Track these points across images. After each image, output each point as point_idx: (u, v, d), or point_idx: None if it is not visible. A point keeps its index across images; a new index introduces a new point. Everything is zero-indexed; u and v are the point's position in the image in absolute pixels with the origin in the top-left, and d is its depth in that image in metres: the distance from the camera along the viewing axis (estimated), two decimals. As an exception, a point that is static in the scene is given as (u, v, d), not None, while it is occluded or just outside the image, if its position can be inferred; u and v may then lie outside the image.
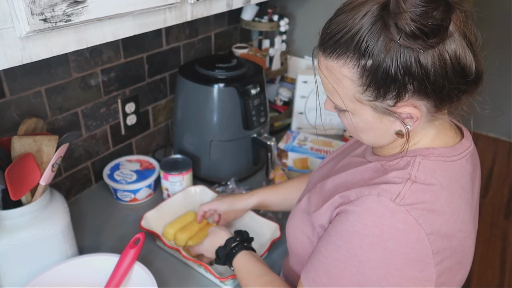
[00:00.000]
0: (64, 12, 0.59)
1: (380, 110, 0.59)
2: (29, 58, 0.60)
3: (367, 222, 0.57)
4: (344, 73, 0.57)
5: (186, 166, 1.14)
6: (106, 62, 1.11)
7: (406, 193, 0.57)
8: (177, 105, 1.22)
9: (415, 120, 0.58)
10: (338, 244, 0.60)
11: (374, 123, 0.61)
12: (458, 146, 0.64)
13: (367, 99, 0.58)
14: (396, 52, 0.53)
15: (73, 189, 1.15)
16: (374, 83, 0.56)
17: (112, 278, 0.81)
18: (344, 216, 0.61)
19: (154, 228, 1.01)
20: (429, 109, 0.59)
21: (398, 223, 0.56)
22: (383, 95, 0.56)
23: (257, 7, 1.43)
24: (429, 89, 0.55)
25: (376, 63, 0.54)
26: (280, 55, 1.46)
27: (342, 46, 0.56)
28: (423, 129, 0.63)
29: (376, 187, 0.59)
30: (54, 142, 0.80)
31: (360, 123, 0.62)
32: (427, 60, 0.53)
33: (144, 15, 0.75)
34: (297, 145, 1.38)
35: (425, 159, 0.61)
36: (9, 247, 0.78)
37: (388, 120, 0.60)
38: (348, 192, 0.62)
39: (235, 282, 0.90)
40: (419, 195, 0.57)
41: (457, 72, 0.55)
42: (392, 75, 0.54)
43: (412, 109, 0.57)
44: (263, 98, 1.20)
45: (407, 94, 0.56)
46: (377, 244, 0.56)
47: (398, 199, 0.57)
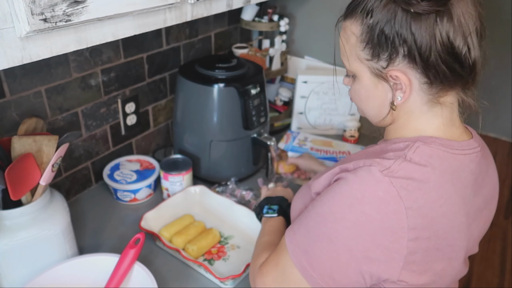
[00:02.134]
0: (64, 12, 0.59)
1: (375, 72, 0.63)
2: (29, 58, 0.60)
3: (353, 185, 0.60)
4: (352, 29, 0.63)
5: (186, 166, 1.14)
6: (106, 62, 1.11)
7: (396, 167, 0.59)
8: (177, 105, 1.22)
9: (404, 90, 0.61)
10: (322, 201, 0.64)
11: (371, 89, 0.65)
12: (464, 143, 0.65)
13: (365, 58, 0.63)
14: (393, 13, 0.57)
15: (73, 189, 1.15)
16: (371, 41, 0.61)
17: (112, 278, 0.81)
18: (337, 182, 0.64)
19: (154, 228, 1.01)
20: (422, 86, 0.61)
21: (380, 191, 0.58)
22: (377, 55, 0.61)
23: (257, 7, 1.43)
24: (416, 57, 0.58)
25: (375, 21, 0.59)
26: (280, 55, 1.46)
27: (356, 7, 0.63)
28: (423, 113, 0.64)
29: (371, 160, 0.62)
30: (54, 142, 0.80)
31: (361, 90, 0.67)
32: (417, 26, 0.57)
33: (144, 15, 0.75)
34: (297, 145, 1.38)
35: (424, 145, 0.62)
36: (9, 247, 0.78)
37: (382, 87, 0.64)
38: (348, 164, 0.65)
39: (235, 282, 0.90)
40: (408, 172, 0.59)
41: (446, 49, 0.57)
42: (385, 34, 0.59)
43: (400, 74, 0.60)
44: (263, 98, 1.20)
45: (397, 57, 0.60)
46: (355, 206, 0.59)
47: (386, 171, 0.59)
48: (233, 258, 0.97)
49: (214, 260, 0.96)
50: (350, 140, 1.45)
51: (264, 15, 1.46)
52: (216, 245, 1.01)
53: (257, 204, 0.98)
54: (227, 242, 1.02)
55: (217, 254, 0.98)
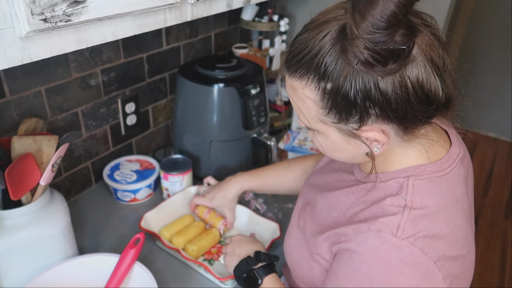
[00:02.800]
0: (64, 12, 0.59)
1: (346, 132, 0.57)
2: (29, 58, 0.60)
3: (374, 262, 0.57)
4: (306, 94, 0.56)
5: (186, 166, 1.14)
6: (106, 62, 1.11)
7: (406, 223, 0.56)
8: (177, 105, 1.22)
9: (382, 144, 0.57)
10: (347, 285, 0.60)
11: (342, 145, 0.60)
12: (447, 157, 0.62)
13: (331, 121, 0.57)
14: (355, 77, 0.51)
15: (73, 189, 1.15)
16: (336, 107, 0.54)
17: (112, 278, 0.81)
18: (347, 256, 0.60)
19: (154, 228, 1.01)
20: (398, 133, 0.57)
21: (405, 257, 0.55)
22: (345, 119, 0.55)
23: (257, 7, 1.43)
24: (391, 115, 0.53)
25: (335, 87, 0.52)
26: (280, 55, 1.46)
27: (304, 66, 0.55)
28: (401, 148, 0.61)
29: (374, 222, 0.58)
30: (54, 142, 0.80)
31: (329, 143, 0.61)
32: (386, 86, 0.51)
33: (144, 15, 0.75)
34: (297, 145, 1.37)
35: (417, 179, 0.59)
36: (9, 247, 0.78)
37: (355, 143, 0.58)
38: (344, 229, 0.61)
39: (235, 282, 0.90)
40: (418, 223, 0.56)
41: (420, 99, 0.53)
42: (351, 100, 0.52)
43: (377, 134, 0.55)
44: (263, 98, 1.20)
45: (370, 118, 0.54)
46: (388, 283, 0.56)
47: (399, 233, 0.56)
48: (233, 258, 0.97)
49: (214, 260, 0.96)
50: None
51: (264, 15, 1.46)
52: (216, 245, 1.01)
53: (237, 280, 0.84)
54: (227, 242, 1.02)
55: (217, 254, 0.98)
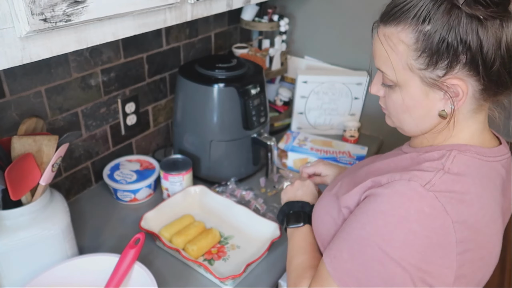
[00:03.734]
0: (64, 12, 0.59)
1: (428, 81, 0.60)
2: (29, 58, 0.60)
3: (395, 203, 0.58)
4: (401, 37, 0.60)
5: (186, 166, 1.14)
6: (106, 62, 1.11)
7: (437, 181, 0.58)
8: (177, 105, 1.22)
9: (460, 97, 0.59)
10: (363, 222, 0.61)
11: (419, 98, 0.62)
12: (495, 150, 0.65)
13: (418, 67, 0.59)
14: (457, 18, 0.55)
15: (73, 189, 1.15)
16: (429, 49, 0.57)
17: (112, 278, 0.81)
18: (372, 198, 0.62)
19: (154, 228, 1.01)
20: (475, 93, 0.59)
21: (425, 207, 0.57)
22: (434, 63, 0.58)
23: (257, 7, 1.43)
24: (480, 62, 0.56)
25: (434, 28, 0.56)
26: (280, 55, 1.46)
27: (404, 12, 0.59)
28: (465, 120, 0.63)
29: (408, 173, 0.60)
30: (54, 142, 0.80)
31: (406, 98, 0.63)
32: (485, 32, 0.54)
33: (144, 15, 0.75)
34: (297, 145, 1.38)
35: (460, 153, 0.62)
36: (9, 247, 0.78)
37: (433, 96, 0.61)
38: (380, 177, 0.63)
39: (235, 282, 0.90)
40: (450, 185, 0.58)
41: (510, 51, 0.56)
42: (448, 42, 0.56)
43: (460, 82, 0.58)
44: (263, 98, 1.20)
45: (458, 65, 0.57)
46: (402, 225, 0.57)
47: (428, 185, 0.58)
48: (233, 258, 0.97)
49: (214, 260, 0.96)
50: (350, 140, 1.45)
51: (264, 15, 1.46)
52: (216, 245, 1.01)
53: (280, 211, 0.90)
54: (227, 242, 1.02)
55: (217, 254, 0.98)
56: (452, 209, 0.57)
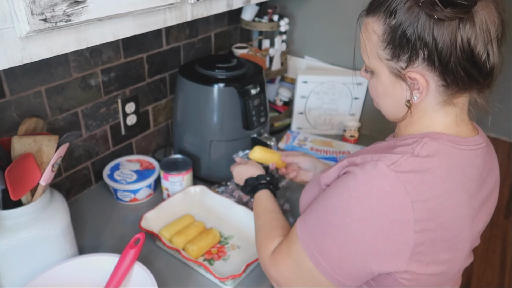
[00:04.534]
0: (64, 12, 0.59)
1: (394, 71, 0.64)
2: (29, 58, 0.60)
3: (360, 180, 0.62)
4: (374, 28, 0.64)
5: (186, 166, 1.14)
6: (106, 62, 1.11)
7: (403, 162, 0.61)
8: (177, 105, 1.22)
9: (421, 90, 0.62)
10: (331, 194, 0.66)
11: (389, 87, 0.67)
12: (470, 139, 0.67)
13: (385, 57, 0.64)
14: (417, 16, 0.58)
15: (73, 189, 1.15)
16: (393, 42, 0.61)
17: (112, 278, 0.81)
18: (345, 175, 0.66)
19: (154, 228, 1.01)
20: (438, 88, 0.62)
21: (386, 185, 0.60)
22: (397, 55, 0.62)
23: (257, 7, 1.43)
24: (436, 59, 0.59)
25: (398, 23, 0.60)
26: (280, 55, 1.46)
27: (380, 5, 0.63)
28: (435, 111, 0.66)
29: (378, 155, 0.64)
30: (54, 142, 0.80)
31: (379, 86, 0.68)
32: (439, 31, 0.57)
33: (144, 15, 0.75)
34: (297, 145, 1.38)
35: (432, 140, 0.64)
36: (9, 247, 0.78)
37: (400, 86, 0.65)
38: (355, 157, 0.68)
39: (235, 282, 0.90)
40: (414, 166, 0.61)
41: (465, 55, 0.58)
42: (407, 37, 0.59)
43: (419, 77, 0.61)
44: (263, 98, 1.20)
45: (417, 60, 0.60)
46: (363, 200, 0.61)
47: (393, 166, 0.61)
48: (233, 258, 0.97)
49: (214, 260, 0.96)
50: (350, 140, 1.45)
51: (264, 15, 1.46)
52: (216, 245, 1.01)
53: (246, 185, 1.00)
54: (227, 242, 1.02)
55: (217, 254, 0.98)
56: (412, 189, 0.59)
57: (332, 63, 1.51)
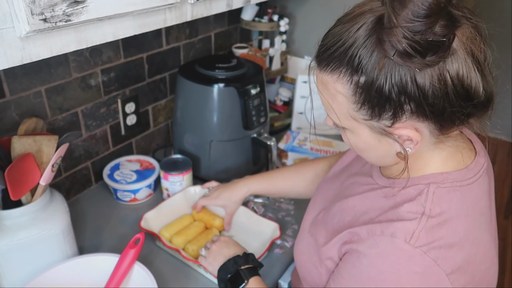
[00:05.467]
0: (64, 12, 0.59)
1: (377, 130, 0.55)
2: (29, 58, 0.60)
3: (382, 267, 0.54)
4: (338, 88, 0.54)
5: (186, 166, 1.14)
6: (106, 62, 1.11)
7: (421, 231, 0.53)
8: (177, 105, 1.22)
9: (415, 143, 0.54)
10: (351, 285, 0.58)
11: (372, 144, 0.57)
12: (472, 166, 0.60)
13: (362, 118, 0.54)
14: (390, 70, 0.48)
15: (73, 189, 1.15)
16: (368, 102, 0.52)
17: (112, 278, 0.81)
18: (356, 258, 0.58)
19: (154, 228, 1.01)
20: (432, 132, 0.54)
21: (416, 266, 0.53)
22: (378, 115, 0.53)
23: (257, 7, 1.43)
24: (427, 111, 0.50)
25: (369, 80, 0.50)
26: (280, 55, 1.46)
27: (336, 59, 0.52)
28: (430, 151, 0.59)
29: (388, 226, 0.55)
30: (54, 142, 0.80)
31: (359, 142, 0.59)
32: (424, 79, 0.48)
33: (144, 15, 0.75)
34: (297, 145, 1.38)
35: (439, 187, 0.57)
36: (9, 247, 0.78)
37: (387, 142, 0.56)
38: (358, 228, 0.59)
39: (235, 282, 0.90)
40: (435, 232, 0.54)
41: (459, 95, 0.50)
42: (386, 94, 0.50)
43: (411, 132, 0.53)
44: (263, 98, 1.20)
45: (404, 115, 0.51)
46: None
47: (413, 240, 0.53)
48: (233, 258, 0.97)
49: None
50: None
51: (264, 15, 1.46)
52: (216, 245, 1.00)
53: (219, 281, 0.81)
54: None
55: (217, 254, 0.98)
56: (443, 260, 0.53)
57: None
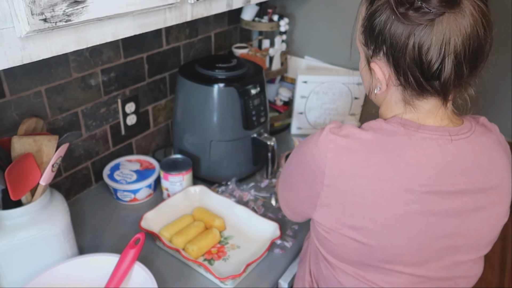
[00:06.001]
0: (64, 12, 0.59)
1: (365, 57, 0.68)
2: (29, 58, 0.60)
3: (309, 138, 0.71)
4: (361, 10, 0.68)
5: (186, 166, 1.14)
6: (106, 62, 1.11)
7: (345, 128, 0.66)
8: (177, 105, 1.22)
9: (380, 84, 0.66)
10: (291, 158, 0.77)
11: (364, 71, 0.71)
12: (437, 128, 0.63)
13: (362, 42, 0.68)
14: (385, 8, 0.60)
15: (73, 189, 1.15)
16: (365, 29, 0.65)
17: (112, 278, 0.81)
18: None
19: (154, 228, 1.01)
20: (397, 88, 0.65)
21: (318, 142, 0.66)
22: (366, 44, 0.66)
23: (257, 7, 1.43)
24: (390, 58, 0.62)
25: (373, 12, 0.62)
26: (280, 55, 1.46)
27: None
28: (398, 107, 0.67)
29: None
30: (54, 142, 0.80)
31: (361, 66, 0.72)
32: (396, 29, 0.59)
33: (144, 15, 0.75)
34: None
35: (384, 122, 0.66)
36: (9, 247, 0.78)
37: (369, 74, 0.69)
38: None
39: (235, 282, 0.90)
40: (350, 132, 0.65)
41: (414, 59, 0.59)
42: (374, 28, 0.62)
43: (377, 69, 0.65)
44: (263, 98, 1.20)
45: (380, 52, 0.63)
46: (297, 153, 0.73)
47: (334, 129, 0.66)
48: (233, 258, 0.97)
49: (214, 260, 0.96)
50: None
51: (264, 15, 1.46)
52: (216, 245, 1.01)
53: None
54: (227, 242, 1.02)
55: (217, 254, 0.98)
56: (334, 148, 0.64)
57: (332, 63, 1.51)
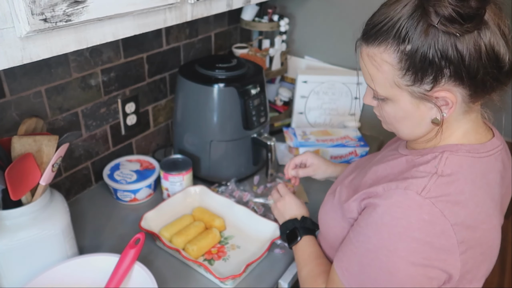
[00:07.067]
0: (64, 12, 0.59)
1: (417, 95, 0.62)
2: (29, 58, 0.60)
3: (395, 214, 0.61)
4: (384, 58, 0.61)
5: (186, 166, 1.14)
6: (106, 62, 1.11)
7: (432, 186, 0.61)
8: (177, 105, 1.22)
9: (450, 106, 0.61)
10: (369, 235, 0.65)
11: (411, 111, 0.64)
12: (488, 144, 0.67)
13: (405, 84, 0.62)
14: (435, 37, 0.57)
15: (73, 189, 1.15)
16: (413, 67, 0.59)
17: (112, 278, 0.81)
18: (372, 209, 0.65)
19: (154, 228, 1.01)
20: (464, 98, 0.61)
21: (424, 214, 0.59)
22: (420, 79, 0.60)
23: (257, 7, 1.43)
24: (464, 74, 0.58)
25: (415, 48, 0.58)
26: (280, 55, 1.46)
27: (384, 33, 0.60)
28: (457, 121, 0.65)
29: (403, 182, 0.63)
30: (54, 142, 0.80)
31: (398, 111, 0.66)
32: (463, 45, 0.56)
33: (144, 15, 0.75)
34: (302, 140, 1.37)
35: (452, 154, 0.64)
36: (9, 247, 0.78)
37: (424, 107, 0.63)
38: (376, 187, 0.66)
39: (235, 282, 0.90)
40: (444, 188, 0.61)
41: (491, 59, 0.58)
42: (429, 59, 0.58)
43: (447, 94, 0.60)
44: (263, 98, 1.20)
45: (443, 78, 0.59)
46: (405, 234, 0.60)
47: (424, 192, 0.60)
48: (233, 258, 0.97)
49: (214, 260, 0.96)
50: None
51: (264, 15, 1.46)
52: (216, 245, 1.01)
53: (280, 233, 0.95)
54: (227, 242, 1.02)
55: (217, 254, 0.98)
56: (449, 212, 0.59)
57: (332, 63, 1.51)
